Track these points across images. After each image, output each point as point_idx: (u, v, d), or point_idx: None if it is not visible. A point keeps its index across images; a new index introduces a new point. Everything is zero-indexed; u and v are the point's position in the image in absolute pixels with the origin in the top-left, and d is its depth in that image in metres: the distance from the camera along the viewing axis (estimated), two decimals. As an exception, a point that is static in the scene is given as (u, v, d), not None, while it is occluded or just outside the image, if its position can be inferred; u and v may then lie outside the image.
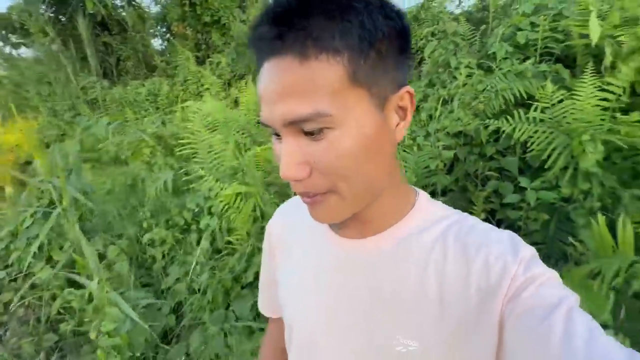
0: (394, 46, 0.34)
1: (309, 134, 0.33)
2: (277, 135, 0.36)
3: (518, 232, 1.56)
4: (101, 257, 1.92)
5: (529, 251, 0.36)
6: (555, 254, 1.47)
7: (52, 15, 6.78)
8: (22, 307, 1.80)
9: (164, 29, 8.34)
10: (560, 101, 1.55)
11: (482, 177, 1.79)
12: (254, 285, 1.60)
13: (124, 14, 7.24)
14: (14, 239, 1.86)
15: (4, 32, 6.88)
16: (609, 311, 0.91)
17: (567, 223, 1.48)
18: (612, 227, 1.11)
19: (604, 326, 0.94)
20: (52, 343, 1.68)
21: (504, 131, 1.61)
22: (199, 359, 1.49)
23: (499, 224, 1.68)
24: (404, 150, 1.86)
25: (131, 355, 1.30)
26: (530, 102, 1.63)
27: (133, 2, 7.51)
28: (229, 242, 1.83)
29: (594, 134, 1.36)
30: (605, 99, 1.46)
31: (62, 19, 6.77)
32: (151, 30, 8.40)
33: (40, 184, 1.97)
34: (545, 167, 1.47)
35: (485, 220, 1.50)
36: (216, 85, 3.80)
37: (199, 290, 1.69)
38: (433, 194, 0.79)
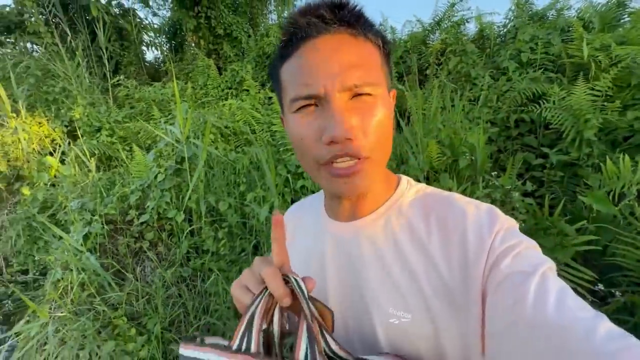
0: (390, 55, 0.44)
1: (356, 96, 0.38)
2: (308, 106, 0.39)
3: (542, 185, 2.22)
4: (214, 209, 2.27)
5: (506, 223, 0.37)
6: (568, 196, 2.14)
7: (53, 20, 6.87)
8: (159, 246, 2.07)
9: (163, 38, 8.62)
10: (563, 98, 2.29)
11: (511, 151, 2.46)
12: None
13: (121, 22, 7.50)
14: (148, 190, 2.14)
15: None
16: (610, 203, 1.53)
17: (574, 177, 2.17)
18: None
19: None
20: (185, 275, 1.98)
21: (522, 119, 2.31)
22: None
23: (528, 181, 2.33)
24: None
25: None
26: (537, 100, 2.35)
27: (133, 13, 7.80)
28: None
29: (592, 115, 2.09)
30: (595, 95, 2.21)
31: (57, 21, 6.85)
32: (146, 40, 8.63)
33: (166, 148, 2.29)
34: (563, 137, 2.17)
35: (518, 177, 2.13)
36: (253, 87, 4.27)
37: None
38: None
